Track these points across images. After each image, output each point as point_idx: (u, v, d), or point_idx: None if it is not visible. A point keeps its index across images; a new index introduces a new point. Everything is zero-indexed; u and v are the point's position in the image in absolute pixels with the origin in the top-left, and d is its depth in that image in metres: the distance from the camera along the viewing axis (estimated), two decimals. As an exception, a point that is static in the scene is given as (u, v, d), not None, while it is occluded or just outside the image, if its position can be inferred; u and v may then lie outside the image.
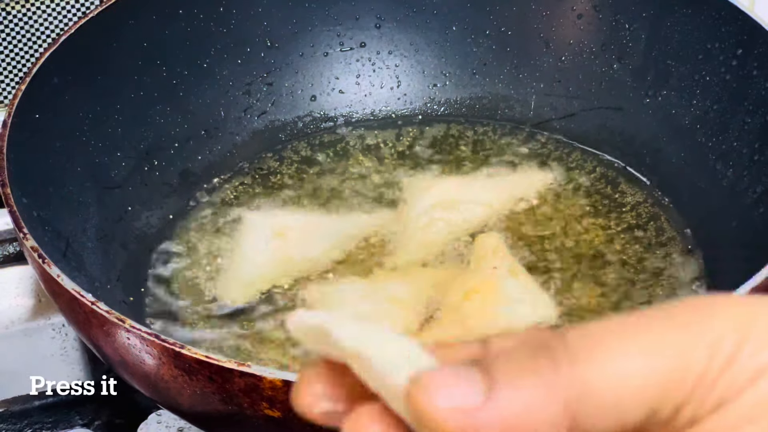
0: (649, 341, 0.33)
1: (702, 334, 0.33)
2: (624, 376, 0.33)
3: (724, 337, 0.33)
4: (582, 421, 0.33)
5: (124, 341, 0.63)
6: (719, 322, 0.34)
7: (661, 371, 0.33)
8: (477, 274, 0.80)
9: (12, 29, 1.00)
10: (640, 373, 0.33)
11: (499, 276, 0.79)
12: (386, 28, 0.99)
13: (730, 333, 0.33)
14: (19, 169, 0.75)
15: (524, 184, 0.91)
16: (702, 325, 0.34)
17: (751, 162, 0.83)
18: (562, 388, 0.33)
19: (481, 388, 0.33)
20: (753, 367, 0.33)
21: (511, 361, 0.33)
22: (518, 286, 0.79)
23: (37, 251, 0.68)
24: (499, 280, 0.79)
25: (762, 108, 0.82)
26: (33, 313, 0.92)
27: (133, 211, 0.87)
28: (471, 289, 0.78)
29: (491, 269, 0.80)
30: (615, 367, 0.33)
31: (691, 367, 0.33)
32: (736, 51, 0.85)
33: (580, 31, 0.95)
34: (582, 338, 0.34)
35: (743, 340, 0.33)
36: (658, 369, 0.33)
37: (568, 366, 0.33)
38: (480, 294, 0.78)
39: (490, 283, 0.78)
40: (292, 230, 0.86)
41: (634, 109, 0.93)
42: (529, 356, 0.33)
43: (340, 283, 0.82)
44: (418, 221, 0.86)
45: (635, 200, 0.89)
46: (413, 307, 0.79)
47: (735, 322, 0.34)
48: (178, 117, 0.92)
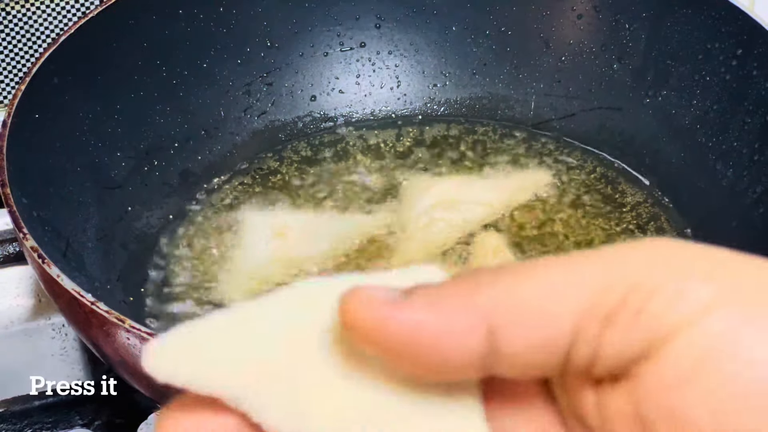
0: (576, 263, 0.32)
1: (631, 260, 0.32)
2: (546, 285, 0.32)
3: (655, 268, 0.31)
4: (503, 335, 0.32)
5: (124, 341, 0.63)
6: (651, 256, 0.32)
7: (587, 284, 0.31)
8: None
9: (12, 29, 1.00)
10: (564, 284, 0.32)
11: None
12: (386, 28, 0.99)
13: (662, 266, 0.31)
14: (19, 169, 0.75)
15: (524, 184, 0.91)
16: (631, 255, 0.32)
17: (751, 162, 0.83)
18: (481, 301, 0.32)
19: (401, 293, 0.33)
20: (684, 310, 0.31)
21: (432, 285, 0.33)
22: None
23: (37, 251, 0.68)
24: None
25: (762, 108, 0.82)
26: (33, 313, 0.92)
27: (133, 211, 0.87)
28: None
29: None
30: (538, 278, 0.32)
31: (616, 286, 0.31)
32: (736, 51, 0.85)
33: (580, 31, 0.95)
34: (509, 265, 0.33)
35: (675, 278, 0.31)
36: (584, 282, 0.32)
37: (488, 282, 0.32)
38: None
39: None
40: (292, 230, 0.86)
41: (634, 109, 0.93)
42: (450, 280, 0.33)
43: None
44: (418, 221, 0.86)
45: (635, 200, 0.89)
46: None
47: (671, 260, 0.32)
48: (178, 117, 0.92)
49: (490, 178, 0.92)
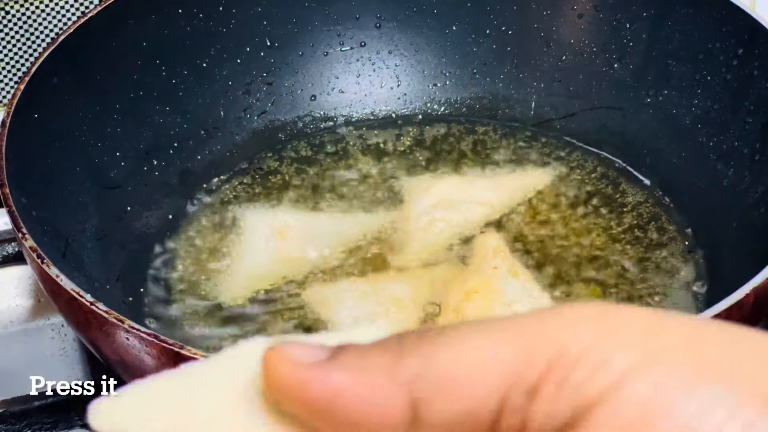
0: (499, 330, 0.32)
1: (553, 328, 0.31)
2: (469, 356, 0.31)
3: (577, 335, 0.31)
4: (425, 407, 0.31)
5: (124, 341, 0.63)
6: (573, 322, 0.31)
7: (509, 356, 0.31)
8: (477, 274, 0.80)
9: (11, 29, 1.00)
10: (486, 355, 0.31)
11: (500, 276, 0.79)
12: (386, 28, 0.98)
13: (584, 333, 0.31)
14: (19, 169, 0.75)
15: (524, 184, 0.91)
16: (553, 322, 0.32)
17: (751, 162, 0.83)
18: (403, 372, 0.31)
19: (325, 353, 0.33)
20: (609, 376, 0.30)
21: (358, 347, 0.33)
22: (518, 286, 0.79)
23: (36, 251, 0.68)
24: (499, 281, 0.79)
25: (763, 108, 0.82)
26: (33, 313, 0.92)
27: (132, 211, 0.87)
28: (471, 289, 0.78)
29: (491, 269, 0.80)
30: (460, 348, 0.31)
31: (538, 356, 0.31)
32: (736, 51, 0.85)
33: (580, 31, 0.95)
34: (434, 330, 0.33)
35: (598, 345, 0.31)
36: (506, 353, 0.31)
37: (411, 351, 0.32)
38: (480, 294, 0.77)
39: (490, 284, 0.78)
40: (292, 230, 0.86)
41: (635, 109, 0.93)
42: (376, 345, 0.33)
43: (340, 283, 0.82)
44: (418, 221, 0.86)
45: (636, 200, 0.89)
46: (413, 308, 0.79)
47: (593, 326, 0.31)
48: (178, 117, 0.92)
49: (490, 177, 0.92)
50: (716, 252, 0.83)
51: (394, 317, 0.78)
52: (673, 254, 0.84)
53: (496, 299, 0.78)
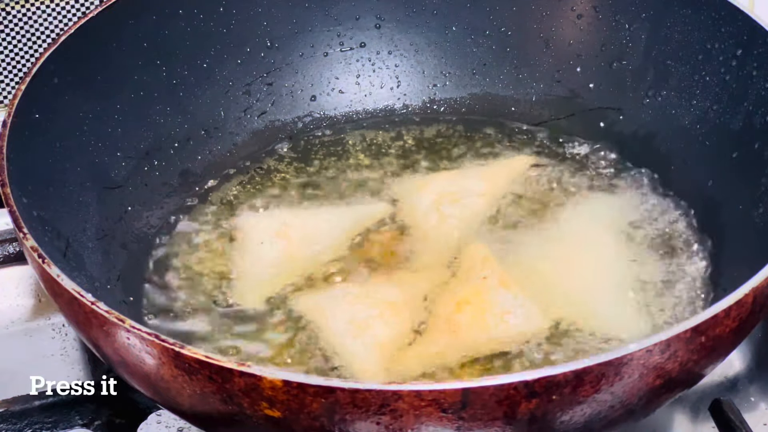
0: None
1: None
2: None
3: None
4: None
5: (124, 341, 0.63)
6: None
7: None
8: (467, 285, 0.80)
9: (12, 29, 1.00)
10: None
11: (490, 287, 0.79)
12: (386, 28, 0.99)
13: None
14: (19, 169, 0.75)
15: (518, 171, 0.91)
16: None
17: (751, 162, 0.83)
18: None
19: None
20: None
21: None
22: (509, 297, 0.78)
23: (37, 251, 0.68)
24: (489, 291, 0.78)
25: (762, 108, 0.82)
26: (33, 313, 0.92)
27: (133, 211, 0.87)
28: (462, 300, 0.78)
29: (481, 279, 0.79)
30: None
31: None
32: (735, 51, 0.85)
33: (580, 32, 0.95)
34: None
35: None
36: None
37: None
38: (471, 306, 0.77)
39: (480, 295, 0.78)
40: (292, 229, 0.86)
41: (634, 109, 0.93)
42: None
43: (332, 289, 0.82)
44: (428, 220, 0.86)
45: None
46: (406, 312, 0.79)
47: None
48: (178, 117, 0.92)
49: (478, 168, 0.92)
50: (716, 252, 0.83)
51: (386, 322, 0.78)
52: (674, 254, 0.84)
53: (488, 310, 0.77)
